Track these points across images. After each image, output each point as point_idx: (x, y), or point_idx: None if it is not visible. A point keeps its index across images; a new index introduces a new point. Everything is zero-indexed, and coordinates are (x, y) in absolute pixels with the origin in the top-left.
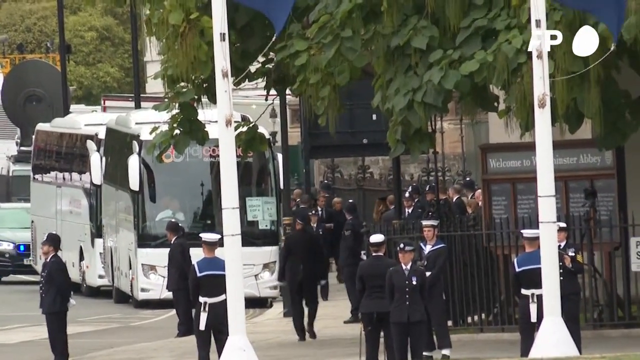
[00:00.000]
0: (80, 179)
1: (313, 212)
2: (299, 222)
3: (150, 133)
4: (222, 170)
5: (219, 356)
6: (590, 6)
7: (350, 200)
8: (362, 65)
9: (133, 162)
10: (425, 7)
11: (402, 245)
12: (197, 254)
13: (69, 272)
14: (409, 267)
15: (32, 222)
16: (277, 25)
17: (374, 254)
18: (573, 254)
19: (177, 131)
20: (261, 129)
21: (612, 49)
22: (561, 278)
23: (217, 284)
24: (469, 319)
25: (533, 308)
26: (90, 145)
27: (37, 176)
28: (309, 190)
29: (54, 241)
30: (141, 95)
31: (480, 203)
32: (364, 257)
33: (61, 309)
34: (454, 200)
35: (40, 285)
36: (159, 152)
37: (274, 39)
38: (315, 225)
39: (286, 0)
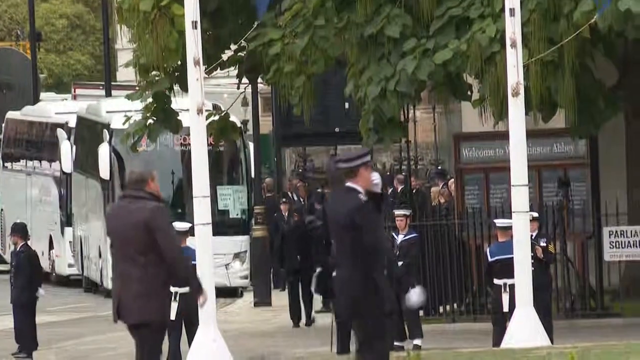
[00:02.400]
0: (51, 167)
1: (284, 200)
2: (296, 213)
3: (124, 123)
4: (193, 159)
5: (190, 346)
6: None
7: (319, 190)
8: (337, 54)
9: (103, 151)
10: None
11: None
12: None
13: (39, 261)
14: None
15: (2, 210)
16: (260, 9)
17: None
18: (545, 245)
19: (150, 120)
20: (233, 118)
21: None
22: (533, 268)
23: None
24: (441, 309)
25: (505, 298)
26: (61, 133)
27: (6, 164)
28: (280, 178)
29: (20, 231)
30: (112, 83)
31: (452, 192)
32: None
33: (29, 300)
34: (399, 190)
35: (10, 275)
36: (133, 141)
37: (255, 25)
38: (286, 214)
39: None
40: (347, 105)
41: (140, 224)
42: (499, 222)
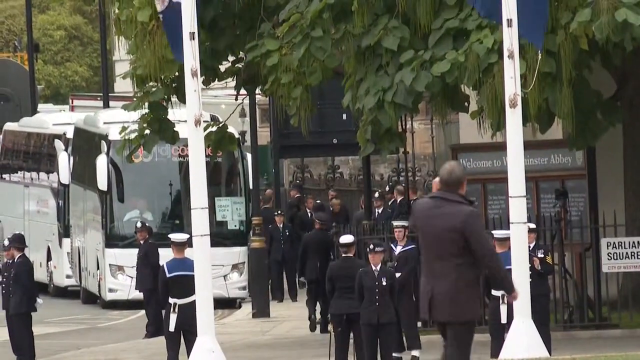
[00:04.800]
0: (48, 178)
1: (279, 212)
2: (319, 222)
3: (120, 133)
4: (191, 170)
5: (188, 357)
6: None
7: (318, 201)
8: (335, 65)
9: (101, 162)
10: (396, 7)
11: (371, 246)
12: (166, 255)
13: (35, 272)
14: (378, 268)
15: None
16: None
17: (343, 255)
18: (542, 256)
19: (147, 131)
20: (230, 129)
21: (540, 53)
22: (530, 279)
23: (186, 285)
24: None
25: (503, 309)
26: (58, 144)
27: (4, 176)
28: (278, 190)
29: (19, 241)
30: (109, 94)
31: None
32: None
33: (28, 310)
34: (398, 201)
35: (2, 285)
36: (129, 152)
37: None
38: (281, 226)
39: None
40: (344, 116)
41: (456, 228)
42: (497, 233)
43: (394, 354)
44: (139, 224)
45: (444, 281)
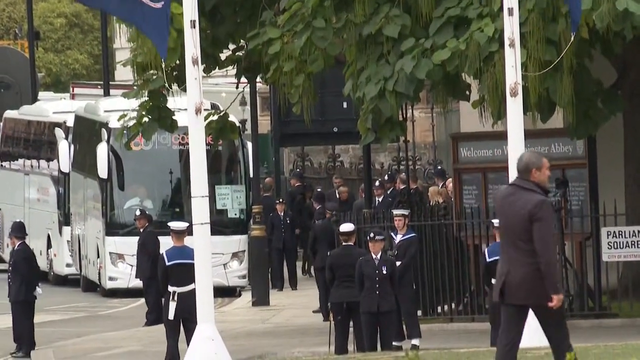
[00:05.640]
0: (49, 166)
1: (280, 200)
2: (328, 210)
3: (119, 120)
4: (191, 159)
5: (188, 345)
6: None
7: (319, 189)
8: (336, 53)
9: (102, 150)
10: None
11: (372, 235)
12: (166, 243)
13: (36, 260)
14: (379, 256)
15: (0, 209)
16: (162, 53)
17: (343, 244)
18: None
19: (145, 119)
20: (231, 117)
21: (572, 37)
22: None
23: (186, 273)
24: (439, 309)
25: None
26: (59, 132)
27: (4, 163)
28: (278, 178)
29: (18, 230)
30: (110, 82)
31: (450, 192)
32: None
33: (27, 298)
34: (400, 189)
35: (8, 274)
36: (128, 139)
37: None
38: (282, 214)
39: (162, 27)
40: (345, 104)
41: (524, 216)
42: (497, 222)
43: (393, 343)
44: (138, 212)
45: (518, 267)
